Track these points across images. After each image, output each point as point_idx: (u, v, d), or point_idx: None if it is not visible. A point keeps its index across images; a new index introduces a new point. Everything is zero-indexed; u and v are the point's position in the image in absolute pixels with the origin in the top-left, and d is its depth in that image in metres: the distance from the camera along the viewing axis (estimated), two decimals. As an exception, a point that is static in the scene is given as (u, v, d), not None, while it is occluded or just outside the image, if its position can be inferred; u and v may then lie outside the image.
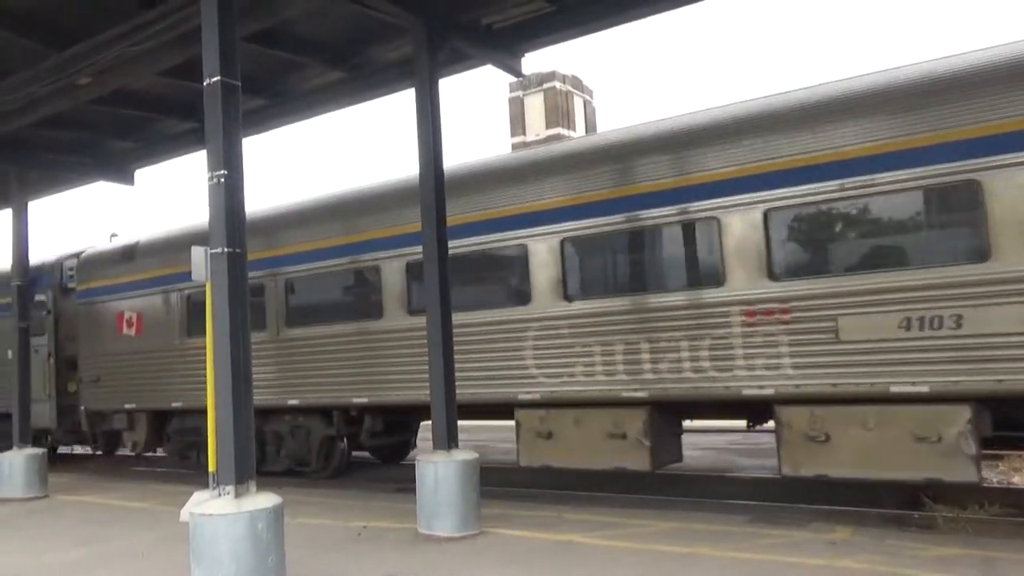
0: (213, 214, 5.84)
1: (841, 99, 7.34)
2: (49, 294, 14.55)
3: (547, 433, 8.74)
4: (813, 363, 7.22)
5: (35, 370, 13.80)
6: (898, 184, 6.94)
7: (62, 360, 14.38)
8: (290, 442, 11.54)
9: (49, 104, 9.59)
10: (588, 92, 62.21)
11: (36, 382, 13.79)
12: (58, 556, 7.49)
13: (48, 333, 14.45)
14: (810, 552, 6.15)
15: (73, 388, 14.16)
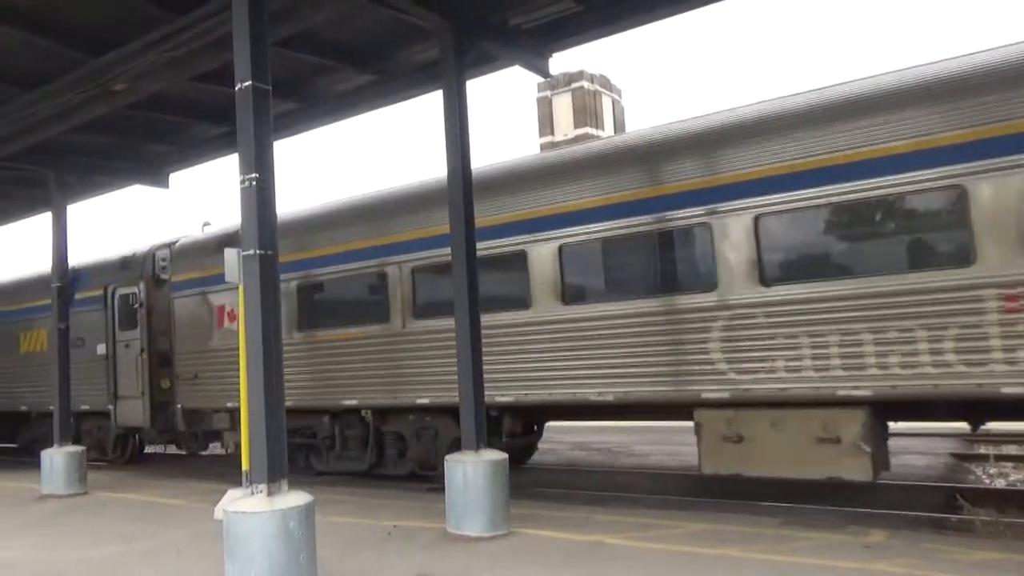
0: (245, 217, 5.93)
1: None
2: (141, 286, 13.97)
3: (736, 437, 7.81)
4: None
5: (126, 366, 13.96)
6: None
7: (155, 355, 13.80)
8: (415, 444, 10.73)
9: (86, 110, 9.80)
10: (616, 91, 61.92)
11: (127, 378, 13.91)
12: (98, 552, 7.66)
13: (140, 327, 13.92)
14: (844, 555, 6.07)
15: (166, 385, 13.55)
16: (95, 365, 14.34)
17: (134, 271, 14.11)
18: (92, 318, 14.46)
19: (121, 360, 14.08)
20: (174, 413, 13.38)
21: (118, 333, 14.17)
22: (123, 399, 13.83)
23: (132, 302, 14.00)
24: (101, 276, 14.63)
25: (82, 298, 14.53)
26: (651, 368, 8.19)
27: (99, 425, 14.95)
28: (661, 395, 8.17)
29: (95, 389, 14.30)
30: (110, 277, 14.50)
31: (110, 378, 14.10)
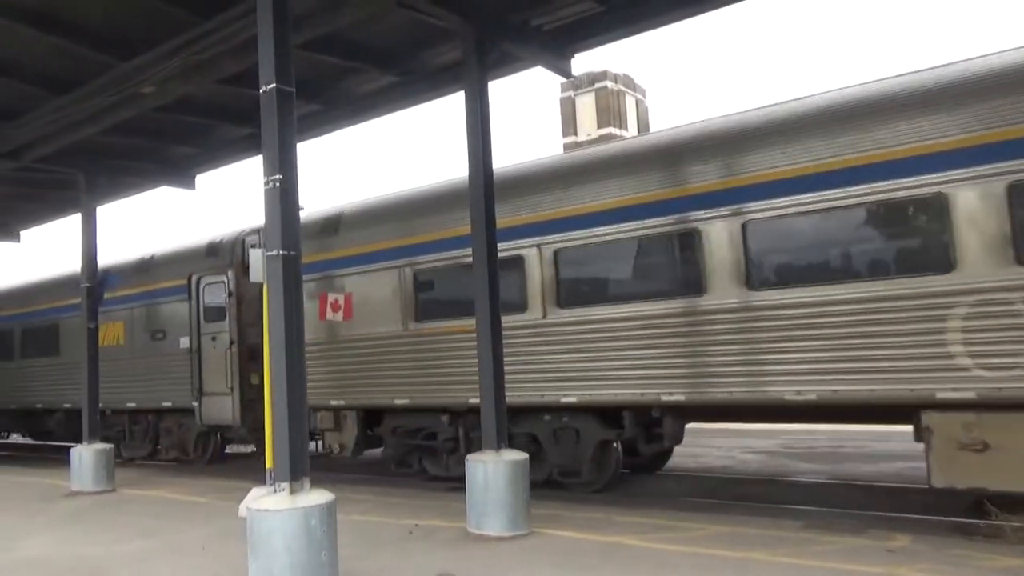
0: (268, 217, 6.00)
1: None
2: (230, 274, 13.02)
3: (980, 444, 6.68)
4: None
5: (214, 360, 13.17)
6: None
7: (244, 349, 12.84)
8: (552, 448, 9.63)
9: (116, 112, 9.97)
10: (640, 91, 61.68)
11: (215, 373, 13.11)
12: (126, 547, 7.79)
13: (229, 318, 12.96)
14: (867, 559, 6.00)
15: (256, 380, 12.45)
16: (177, 360, 13.64)
17: (222, 259, 13.14)
18: (174, 310, 13.76)
19: (207, 354, 13.24)
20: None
21: (203, 325, 13.30)
22: (209, 396, 13.07)
23: (221, 292, 13.09)
24: (184, 265, 13.83)
25: (162, 288, 14.06)
26: (866, 363, 7.10)
27: (179, 423, 14.24)
28: (879, 395, 7.10)
29: (177, 385, 13.59)
30: (195, 265, 13.62)
31: (195, 373, 13.27)
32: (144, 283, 14.62)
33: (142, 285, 14.63)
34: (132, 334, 14.59)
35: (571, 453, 9.51)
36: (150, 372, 14.17)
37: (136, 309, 14.67)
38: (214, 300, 13.26)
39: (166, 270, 14.21)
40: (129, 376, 14.36)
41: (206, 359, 13.23)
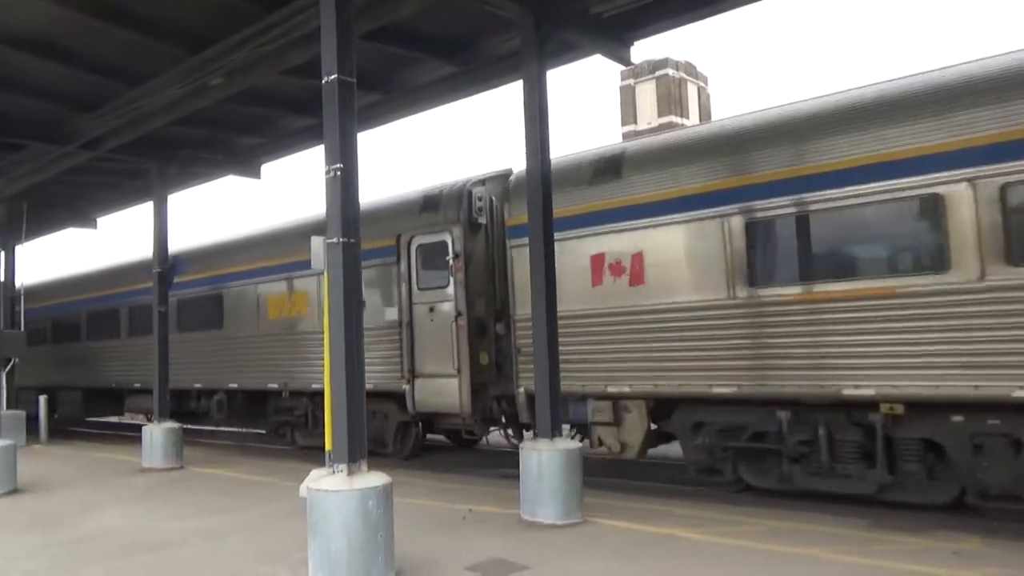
0: (329, 206, 6.14)
1: None
2: (455, 232, 10.74)
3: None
4: None
5: (431, 336, 10.93)
6: None
7: (473, 321, 10.64)
8: (968, 460, 7.12)
9: (185, 104, 10.32)
10: (703, 79, 60.61)
11: (433, 351, 10.89)
12: (193, 523, 8.11)
13: (454, 285, 10.72)
14: (933, 561, 5.82)
15: (486, 360, 10.63)
16: (379, 335, 11.44)
17: (444, 214, 10.82)
18: (376, 276, 11.60)
19: (422, 328, 10.99)
20: (500, 398, 10.58)
21: (416, 294, 11.13)
22: (425, 378, 10.90)
23: (441, 254, 10.84)
24: (390, 222, 11.59)
25: (365, 249, 11.80)
26: None
27: (374, 410, 11.74)
28: None
29: (378, 365, 11.32)
30: (405, 223, 11.41)
31: (405, 351, 11.09)
32: None
33: None
34: (318, 306, 12.29)
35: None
36: None
37: (323, 276, 13.35)
38: (431, 263, 11.08)
39: (365, 229, 12.68)
40: (315, 353, 12.05)
41: (420, 334, 10.99)
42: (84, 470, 12.46)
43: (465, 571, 5.97)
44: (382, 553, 5.69)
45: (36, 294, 19.85)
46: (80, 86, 10.21)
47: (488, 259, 10.85)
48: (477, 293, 10.67)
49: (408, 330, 11.18)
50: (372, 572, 5.60)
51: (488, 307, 10.73)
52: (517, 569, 5.97)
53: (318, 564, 5.60)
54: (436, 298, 10.94)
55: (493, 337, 10.66)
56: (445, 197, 10.99)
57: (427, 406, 11.01)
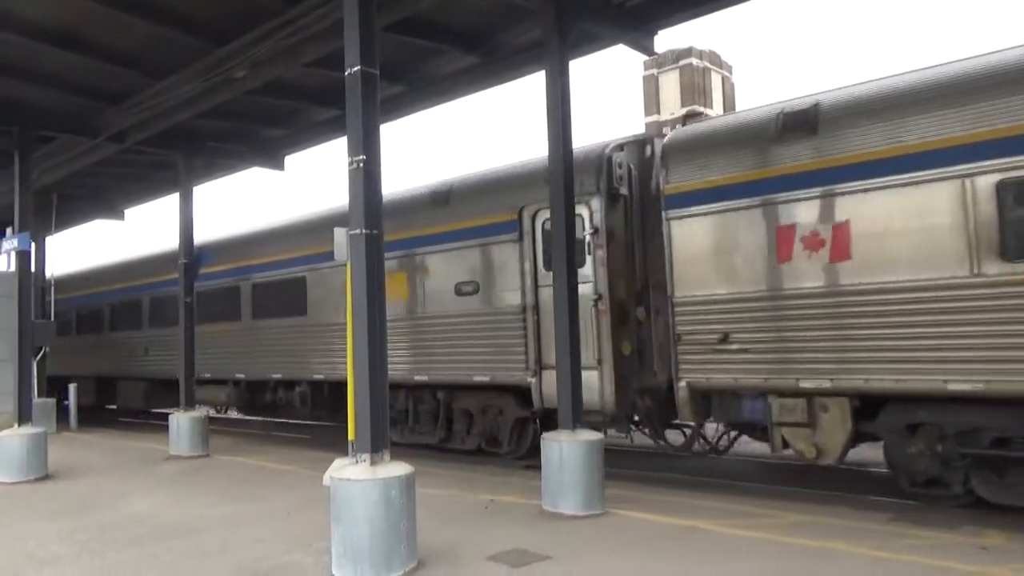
0: (352, 197, 6.17)
1: None
2: (593, 204, 9.46)
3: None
4: None
5: None
6: None
7: (616, 306, 9.43)
8: None
9: (210, 96, 10.42)
10: (727, 68, 59.94)
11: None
12: (219, 509, 8.24)
13: (593, 265, 9.45)
14: (958, 556, 5.75)
15: (628, 349, 9.40)
16: (497, 322, 10.31)
17: (579, 183, 9.10)
18: (493, 255, 10.41)
19: (550, 314, 9.25)
20: (642, 392, 9.40)
21: (544, 275, 9.81)
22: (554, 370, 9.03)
23: (577, 229, 9.05)
24: (510, 194, 10.38)
25: (472, 227, 10.69)
26: None
27: (486, 405, 10.83)
28: None
29: (497, 355, 10.26)
30: (528, 195, 10.09)
31: (530, 340, 9.86)
32: (442, 221, 11.17)
33: (439, 224, 11.15)
34: (420, 288, 11.35)
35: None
36: (452, 337, 10.88)
37: (428, 255, 11.28)
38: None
39: (479, 203, 10.73)
40: (415, 342, 11.31)
41: (548, 321, 9.48)
42: (112, 457, 12.69)
43: (486, 561, 6.01)
44: (404, 541, 5.75)
45: (92, 279, 19.73)
46: (107, 79, 10.35)
47: (627, 235, 9.57)
48: (617, 274, 9.42)
49: (534, 316, 9.91)
50: (394, 560, 5.65)
51: (628, 290, 9.45)
52: (538, 559, 6.00)
53: (341, 552, 5.66)
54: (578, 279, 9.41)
55: (634, 323, 9.43)
56: (580, 165, 9.24)
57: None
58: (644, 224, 9.52)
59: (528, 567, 5.82)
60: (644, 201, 9.59)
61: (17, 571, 6.24)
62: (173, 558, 6.41)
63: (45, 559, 6.54)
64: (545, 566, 5.85)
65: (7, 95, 10.78)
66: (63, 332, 20.11)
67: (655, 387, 9.23)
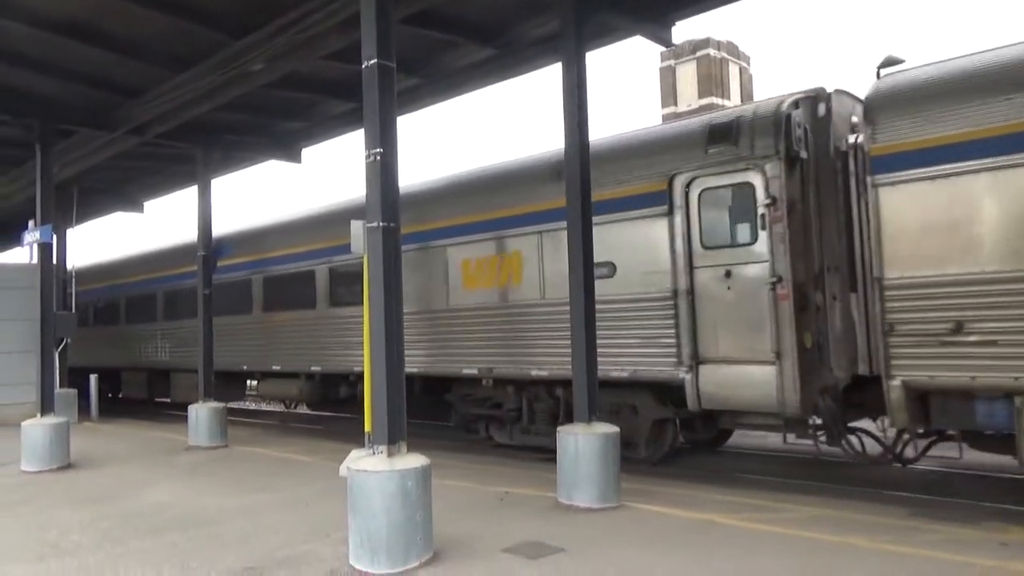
0: (369, 190, 6.18)
1: None
2: (768, 169, 8.12)
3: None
4: None
5: (734, 309, 8.35)
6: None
7: (797, 290, 8.04)
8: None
9: (228, 89, 10.47)
10: (745, 59, 59.47)
11: (737, 331, 8.30)
12: (238, 500, 8.32)
13: (770, 241, 8.12)
14: (978, 552, 5.70)
15: (810, 341, 8.06)
16: (639, 309, 9.09)
17: (750, 146, 8.22)
18: (634, 231, 9.11)
19: (711, 299, 8.46)
20: (829, 390, 8.07)
21: (700, 254, 8.59)
22: (717, 364, 8.38)
23: (743, 199, 8.29)
24: (656, 160, 9.04)
25: (610, 199, 9.24)
26: None
27: (619, 404, 9.57)
28: None
29: (636, 347, 9.05)
30: (679, 160, 8.80)
31: (683, 329, 8.59)
32: (561, 195, 9.13)
33: (564, 198, 8.99)
34: (537, 272, 10.06)
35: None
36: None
37: (547, 235, 9.94)
38: (725, 213, 8.49)
39: (616, 172, 9.33)
40: (531, 333, 10.06)
41: (708, 307, 8.48)
42: (133, 447, 12.86)
43: (501, 552, 6.03)
44: (420, 532, 5.78)
45: (139, 266, 19.31)
46: (126, 73, 10.43)
47: (805, 206, 8.25)
48: (797, 252, 8.15)
49: (688, 301, 8.61)
50: (411, 551, 5.69)
51: (808, 271, 8.18)
52: (552, 552, 6.01)
53: (358, 542, 5.71)
54: (735, 258, 8.36)
55: (814, 311, 8.16)
56: (751, 124, 8.30)
57: (722, 400, 8.43)
58: (820, 194, 8.34)
59: (543, 559, 5.84)
60: (819, 167, 8.34)
61: (40, 558, 6.34)
62: (192, 547, 6.49)
63: (67, 548, 6.65)
64: (560, 558, 5.86)
65: (28, 89, 10.90)
66: (109, 322, 19.90)
67: (833, 385, 8.10)
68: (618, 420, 9.01)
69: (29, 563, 6.22)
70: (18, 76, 10.42)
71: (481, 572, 5.60)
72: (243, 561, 6.02)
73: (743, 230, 8.37)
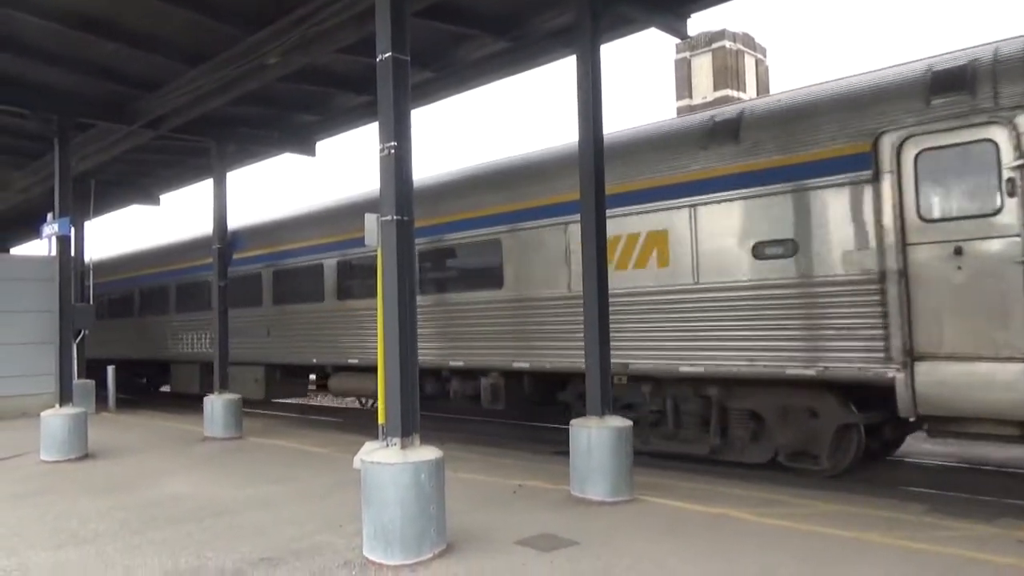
0: (384, 183, 6.19)
1: None
2: (1021, 124, 6.86)
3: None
4: None
5: (968, 293, 6.97)
6: None
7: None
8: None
9: (243, 83, 10.51)
10: (761, 51, 58.97)
11: (972, 320, 6.93)
12: (252, 491, 8.39)
13: (1020, 210, 6.74)
14: (995, 549, 5.65)
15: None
16: (831, 293, 7.77)
17: (992, 95, 6.95)
18: (822, 202, 7.84)
19: (935, 280, 7.15)
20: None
21: (918, 228, 7.28)
22: (943, 360, 7.03)
23: (980, 162, 6.94)
24: (856, 117, 7.73)
25: (786, 166, 8.05)
26: None
27: (789, 406, 8.49)
28: None
29: (829, 339, 7.74)
30: (893, 115, 7.50)
31: (894, 318, 7.28)
32: (727, 161, 8.51)
33: (721, 165, 8.53)
34: (689, 252, 8.80)
35: None
36: (745, 314, 8.30)
37: (701, 207, 8.70)
38: (952, 179, 7.11)
39: (798, 131, 8.09)
40: (679, 322, 8.87)
41: (930, 290, 7.16)
42: (149, 438, 12.99)
43: (515, 544, 6.05)
44: (434, 525, 5.81)
45: (166, 257, 18.94)
46: (143, 66, 10.50)
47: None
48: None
49: (900, 285, 7.27)
50: (424, 543, 5.72)
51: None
52: (566, 544, 6.02)
53: (372, 534, 5.74)
54: (968, 232, 7.01)
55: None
56: (992, 67, 6.98)
57: (947, 405, 7.07)
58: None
59: (556, 551, 5.85)
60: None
61: (59, 546, 6.43)
62: (208, 537, 6.56)
63: (86, 536, 6.73)
64: (573, 551, 5.87)
65: (46, 83, 11.00)
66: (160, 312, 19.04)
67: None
68: (788, 425, 8.46)
69: (49, 551, 6.30)
70: (37, 70, 10.52)
71: (494, 564, 5.62)
72: (259, 551, 6.07)
73: (981, 198, 6.96)
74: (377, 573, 5.51)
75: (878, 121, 7.53)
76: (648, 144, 9.40)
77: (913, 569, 5.31)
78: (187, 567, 5.77)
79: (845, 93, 7.98)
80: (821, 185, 7.82)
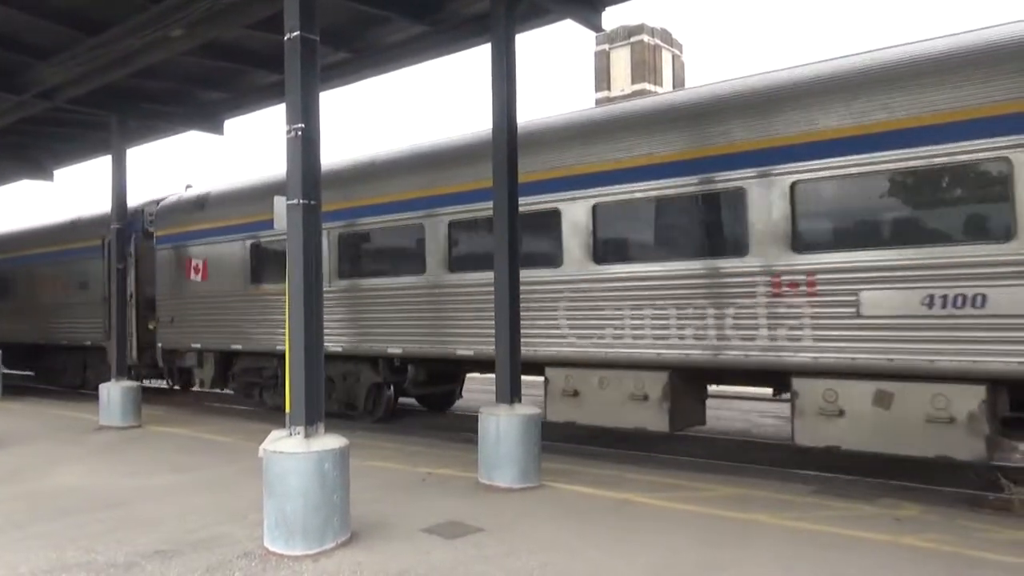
0: (290, 166, 6.04)
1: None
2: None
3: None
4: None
5: None
6: None
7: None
8: None
9: (146, 55, 10.01)
10: (677, 46, 60.35)
11: None
12: (153, 480, 8.09)
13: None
14: (874, 527, 6.04)
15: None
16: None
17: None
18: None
19: None
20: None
21: None
22: None
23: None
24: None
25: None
26: None
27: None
28: None
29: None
30: None
31: None
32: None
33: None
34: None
35: None
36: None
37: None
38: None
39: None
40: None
41: None
42: (40, 426, 12.31)
43: (420, 532, 6.05)
44: (338, 514, 5.75)
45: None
46: (37, 33, 9.87)
47: None
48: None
49: None
50: (327, 533, 5.65)
51: None
52: (472, 531, 6.07)
53: (273, 524, 5.63)
54: None
55: None
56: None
57: None
58: None
59: (462, 538, 5.89)
60: None
61: (-67, 544, 6.03)
62: (100, 529, 6.28)
63: (-36, 531, 6.34)
64: (479, 537, 5.93)
65: (-77, 45, 10.19)
66: None
67: None
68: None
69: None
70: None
71: (398, 552, 5.61)
72: (154, 543, 5.86)
73: None
74: (278, 564, 5.41)
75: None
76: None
77: (796, 547, 5.61)
78: (75, 561, 5.52)
79: None
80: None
